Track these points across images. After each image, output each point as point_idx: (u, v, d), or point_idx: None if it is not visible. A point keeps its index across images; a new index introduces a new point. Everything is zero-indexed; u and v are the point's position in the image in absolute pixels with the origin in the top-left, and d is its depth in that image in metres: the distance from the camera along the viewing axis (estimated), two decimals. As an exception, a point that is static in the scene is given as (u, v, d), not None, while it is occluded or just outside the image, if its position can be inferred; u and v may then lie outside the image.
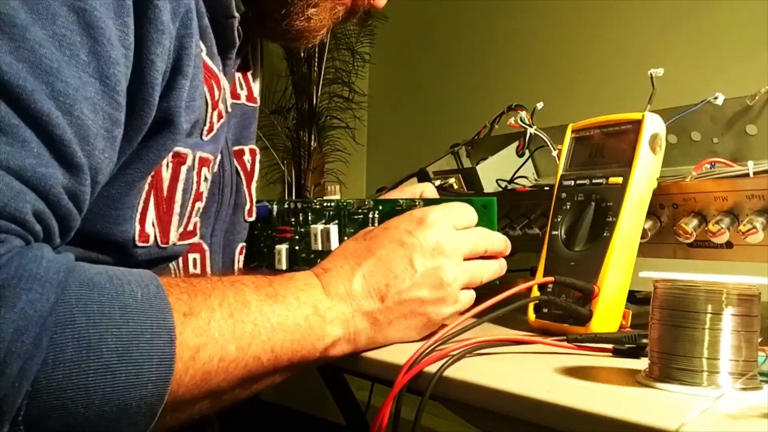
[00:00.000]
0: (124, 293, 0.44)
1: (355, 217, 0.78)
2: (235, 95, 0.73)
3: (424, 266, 0.58)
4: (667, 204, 0.67)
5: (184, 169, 0.58)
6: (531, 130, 0.89)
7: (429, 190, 0.81)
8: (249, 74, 0.76)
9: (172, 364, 0.44)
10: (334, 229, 0.78)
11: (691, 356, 0.45)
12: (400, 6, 2.52)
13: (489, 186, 1.01)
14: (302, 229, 0.82)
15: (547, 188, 0.86)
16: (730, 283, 0.44)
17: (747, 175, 0.62)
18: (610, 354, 0.56)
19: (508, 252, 0.65)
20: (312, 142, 2.44)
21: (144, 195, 0.56)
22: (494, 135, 1.10)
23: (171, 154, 0.57)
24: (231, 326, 0.48)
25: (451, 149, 1.19)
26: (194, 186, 0.61)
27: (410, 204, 0.73)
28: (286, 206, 0.84)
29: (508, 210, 0.86)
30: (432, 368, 0.52)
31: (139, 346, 0.43)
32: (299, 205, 0.83)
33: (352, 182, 2.47)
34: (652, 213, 0.67)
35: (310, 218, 0.82)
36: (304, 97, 2.43)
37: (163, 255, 0.60)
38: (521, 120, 0.89)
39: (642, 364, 0.51)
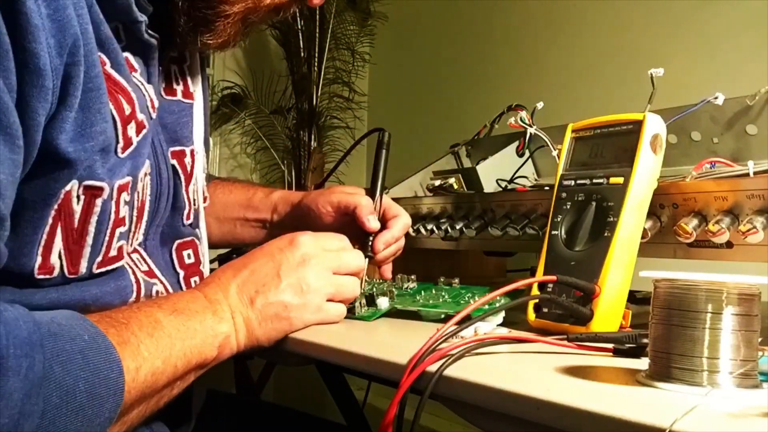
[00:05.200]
0: (76, 337, 0.49)
1: None
2: (170, 91, 0.72)
3: (289, 276, 0.66)
4: (667, 204, 0.67)
5: (99, 201, 0.57)
6: (531, 130, 0.89)
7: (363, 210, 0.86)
8: (186, 66, 0.74)
9: (124, 390, 0.51)
10: None
11: (691, 355, 0.45)
12: (400, 6, 2.52)
13: (489, 186, 1.01)
14: None
15: (547, 188, 0.86)
16: (730, 283, 0.45)
17: (747, 175, 0.62)
18: (611, 353, 0.56)
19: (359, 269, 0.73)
20: (312, 142, 2.44)
21: (48, 229, 0.55)
22: (494, 135, 1.10)
23: (82, 188, 0.55)
24: (154, 344, 0.55)
25: (451, 149, 1.19)
26: (112, 216, 0.59)
27: None
28: None
29: (508, 210, 0.87)
30: (432, 367, 0.52)
31: (100, 384, 0.49)
32: None
33: (352, 182, 2.46)
34: (652, 213, 0.67)
35: None
36: (304, 97, 2.43)
37: (73, 280, 0.58)
38: (521, 120, 0.90)
39: (642, 363, 0.51)
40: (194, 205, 0.75)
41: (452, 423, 1.83)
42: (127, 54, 0.62)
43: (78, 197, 0.56)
